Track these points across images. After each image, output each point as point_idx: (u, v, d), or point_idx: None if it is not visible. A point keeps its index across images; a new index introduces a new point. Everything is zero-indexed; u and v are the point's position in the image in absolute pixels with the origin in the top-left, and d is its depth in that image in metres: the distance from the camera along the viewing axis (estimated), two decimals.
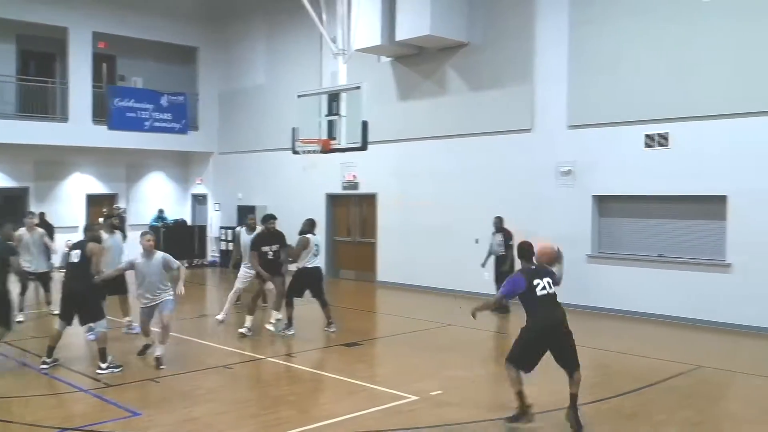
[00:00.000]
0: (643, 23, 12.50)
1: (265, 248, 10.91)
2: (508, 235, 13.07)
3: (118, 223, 12.19)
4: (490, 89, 14.79)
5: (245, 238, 12.06)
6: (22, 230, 11.85)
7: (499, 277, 12.77)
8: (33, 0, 18.39)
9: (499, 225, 13.26)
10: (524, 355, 6.52)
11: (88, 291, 8.72)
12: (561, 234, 12.50)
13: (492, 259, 13.41)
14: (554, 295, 6.64)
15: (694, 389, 8.00)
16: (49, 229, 18.66)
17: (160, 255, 8.79)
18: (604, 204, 13.33)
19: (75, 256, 8.74)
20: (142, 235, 8.96)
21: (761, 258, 11.18)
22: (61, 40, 19.48)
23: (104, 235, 10.90)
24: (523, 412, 6.53)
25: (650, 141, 12.43)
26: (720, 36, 11.60)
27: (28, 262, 11.75)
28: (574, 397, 6.48)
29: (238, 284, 11.94)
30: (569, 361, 6.49)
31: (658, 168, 12.30)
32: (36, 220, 12.20)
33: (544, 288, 6.58)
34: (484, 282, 14.54)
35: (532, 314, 6.58)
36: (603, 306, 12.87)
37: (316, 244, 11.09)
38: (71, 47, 19.37)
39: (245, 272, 11.78)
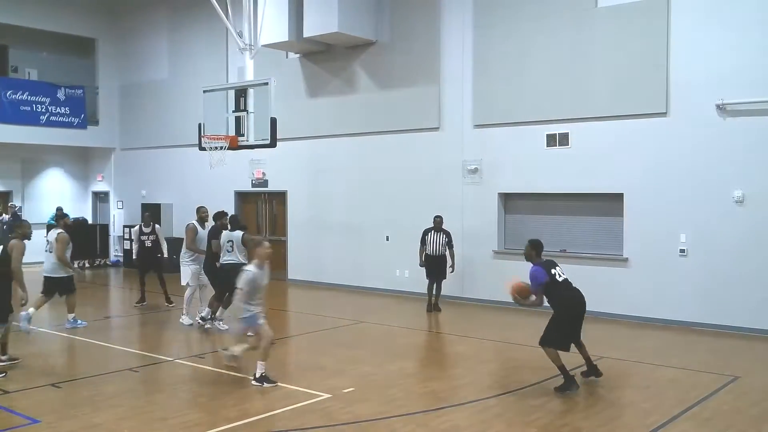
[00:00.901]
0: (543, 28, 12.94)
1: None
2: (448, 235, 12.80)
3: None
4: (399, 88, 14.95)
5: (202, 232, 11.72)
6: None
7: (437, 275, 12.83)
8: None
9: (440, 224, 12.83)
10: (565, 337, 7.71)
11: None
12: (468, 231, 12.86)
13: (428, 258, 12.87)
14: (568, 279, 7.97)
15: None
16: None
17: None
18: (510, 201, 13.74)
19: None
20: (260, 243, 8.34)
21: (654, 252, 11.81)
22: None
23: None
24: (570, 380, 7.62)
25: (552, 140, 12.89)
26: (612, 41, 12.17)
27: None
28: (588, 357, 8.05)
29: (192, 282, 11.71)
30: (579, 333, 7.94)
31: (560, 166, 12.78)
32: None
33: (560, 275, 7.89)
34: (399, 280, 14.73)
35: (559, 299, 7.80)
36: (508, 300, 13.22)
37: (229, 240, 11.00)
38: None
39: (196, 268, 11.65)
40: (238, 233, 11.00)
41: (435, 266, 12.81)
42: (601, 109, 12.31)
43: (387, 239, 15.10)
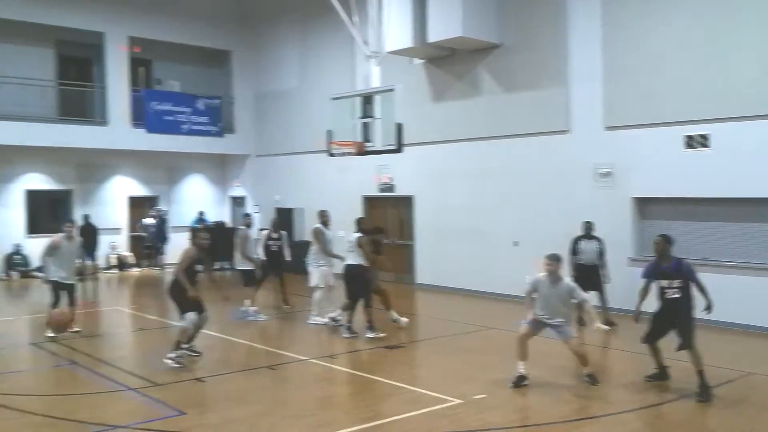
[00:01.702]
0: (678, 20, 12.32)
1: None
2: (601, 242, 12.02)
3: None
4: (524, 90, 14.72)
5: (329, 234, 12.25)
6: (59, 236, 11.18)
7: (590, 287, 11.26)
8: (70, 6, 18.79)
9: (589, 231, 12.10)
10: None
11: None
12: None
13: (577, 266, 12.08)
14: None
15: (744, 395, 7.86)
16: (94, 231, 19.13)
17: (565, 283, 8.32)
18: (645, 206, 13.18)
19: None
20: (546, 257, 8.38)
21: None
22: (98, 45, 19.85)
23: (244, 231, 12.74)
24: (662, 371, 8.12)
25: (690, 142, 12.26)
26: (761, 30, 11.39)
27: (64, 271, 11.08)
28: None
29: (321, 283, 12.07)
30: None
31: (699, 170, 12.11)
32: (74, 229, 11.52)
33: None
34: (524, 285, 14.47)
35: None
36: (647, 310, 12.70)
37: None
38: (108, 52, 19.74)
39: (325, 270, 12.01)
40: (357, 235, 11.19)
41: (587, 277, 11.69)
42: (746, 108, 11.56)
43: (515, 245, 14.89)
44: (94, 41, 19.80)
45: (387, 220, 18.17)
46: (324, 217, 12.42)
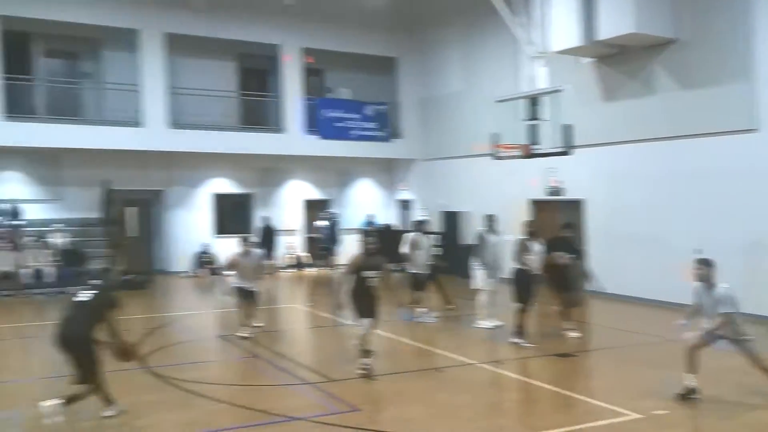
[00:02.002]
0: None
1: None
2: None
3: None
4: (704, 88, 13.75)
5: (492, 239, 12.33)
6: (237, 255, 11.53)
7: None
8: (251, 21, 20.07)
9: None
10: None
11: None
12: None
13: None
14: None
15: None
16: (273, 233, 20.26)
17: (720, 289, 7.86)
18: None
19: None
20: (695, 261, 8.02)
21: None
22: (274, 57, 21.06)
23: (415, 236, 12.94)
24: None
25: None
26: None
27: (246, 281, 11.50)
28: None
29: (485, 286, 12.12)
30: None
31: None
32: (250, 244, 12.00)
33: None
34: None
35: None
36: None
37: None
38: (283, 63, 20.86)
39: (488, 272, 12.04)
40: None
41: None
42: None
43: (697, 252, 13.97)
44: (271, 53, 21.03)
45: (555, 225, 17.74)
46: (490, 222, 12.37)
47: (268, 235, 20.13)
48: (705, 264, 7.77)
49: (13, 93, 17.52)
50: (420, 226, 13.55)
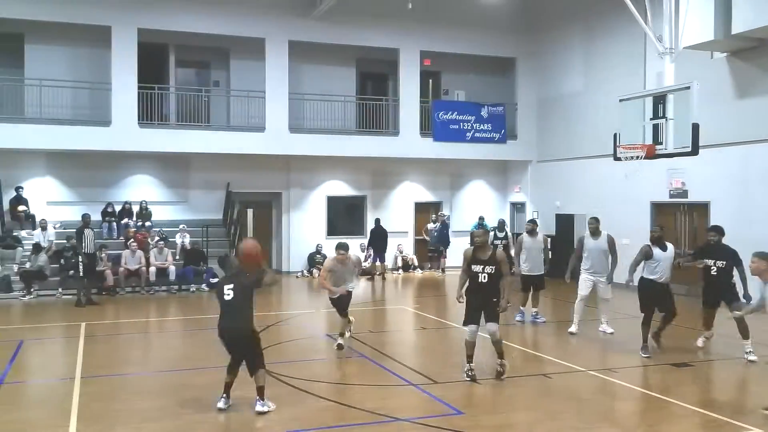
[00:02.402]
0: None
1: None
2: None
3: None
4: None
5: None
6: (332, 260, 10.68)
7: None
8: (369, 26, 20.38)
9: None
10: None
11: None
12: None
13: None
14: None
15: None
16: (384, 235, 20.39)
17: None
18: None
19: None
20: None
21: None
22: (393, 61, 21.27)
23: (526, 237, 12.79)
24: None
25: None
26: None
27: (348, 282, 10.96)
28: None
29: (582, 292, 11.72)
30: None
31: None
32: (346, 256, 10.72)
33: None
34: None
35: None
36: None
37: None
38: (401, 67, 21.06)
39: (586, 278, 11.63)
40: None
41: None
42: None
43: None
44: (389, 57, 21.26)
45: (677, 229, 16.87)
46: (593, 224, 11.79)
47: (379, 237, 20.32)
48: (761, 257, 7.30)
49: (147, 102, 18.69)
50: (528, 226, 13.22)
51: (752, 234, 14.58)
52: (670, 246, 10.38)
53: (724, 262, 10.03)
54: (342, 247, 10.33)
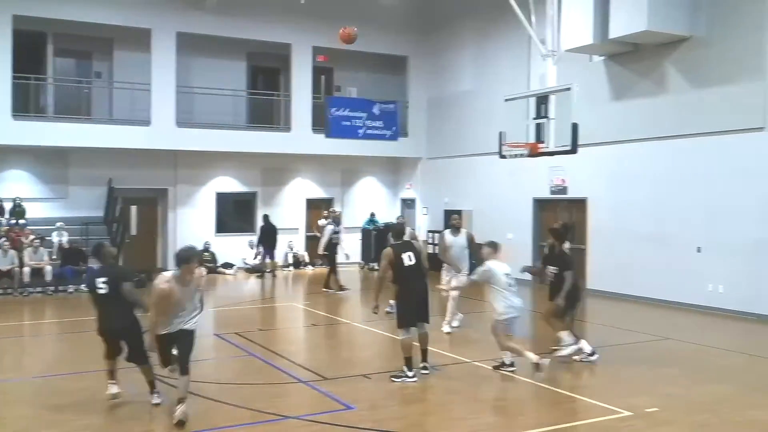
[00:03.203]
0: None
1: None
2: None
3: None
4: (716, 86, 13.62)
5: (449, 239, 11.76)
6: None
7: None
8: (261, 20, 20.06)
9: None
10: None
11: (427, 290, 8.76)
12: None
13: None
14: None
15: None
16: (274, 231, 20.13)
17: None
18: None
19: (409, 258, 8.60)
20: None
21: None
22: (285, 55, 21.04)
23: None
24: None
25: None
26: None
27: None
28: None
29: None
30: None
31: None
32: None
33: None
34: (712, 295, 13.47)
35: None
36: None
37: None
38: (293, 62, 20.84)
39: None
40: None
41: None
42: None
43: (698, 251, 13.84)
44: (281, 52, 21.00)
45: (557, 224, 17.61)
46: (455, 221, 11.97)
47: (269, 234, 20.02)
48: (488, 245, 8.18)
49: (23, 92, 17.59)
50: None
51: (626, 227, 15.51)
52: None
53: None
54: (188, 259, 7.22)
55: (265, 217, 20.37)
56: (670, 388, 8.11)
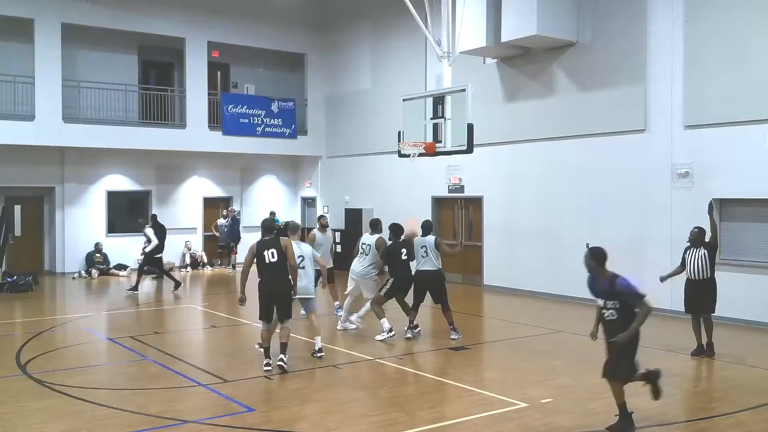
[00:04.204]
0: (765, 14, 11.77)
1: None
2: (712, 251, 9.82)
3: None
4: (600, 89, 14.36)
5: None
6: None
7: (700, 306, 9.79)
8: (153, 13, 19.45)
9: (698, 238, 9.76)
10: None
11: (288, 288, 8.98)
12: (678, 239, 11.97)
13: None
14: None
15: None
16: (162, 230, 19.06)
17: None
18: (727, 208, 12.63)
19: (271, 255, 8.82)
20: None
21: None
22: (179, 50, 20.49)
23: (318, 233, 12.55)
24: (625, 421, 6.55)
25: None
26: None
27: None
28: None
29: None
30: None
31: None
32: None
33: None
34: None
35: None
36: (724, 315, 12.20)
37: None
38: (188, 57, 20.32)
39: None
40: (431, 238, 11.03)
41: (695, 294, 9.76)
42: None
43: (587, 246, 14.50)
44: (175, 46, 20.43)
45: (455, 221, 18.08)
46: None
47: (159, 233, 19.25)
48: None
49: None
50: (320, 222, 13.27)
51: (518, 224, 16.07)
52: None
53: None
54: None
55: (153, 217, 19.54)
56: (562, 379, 8.50)
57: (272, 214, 22.43)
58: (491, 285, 16.68)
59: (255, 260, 8.88)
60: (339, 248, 14.01)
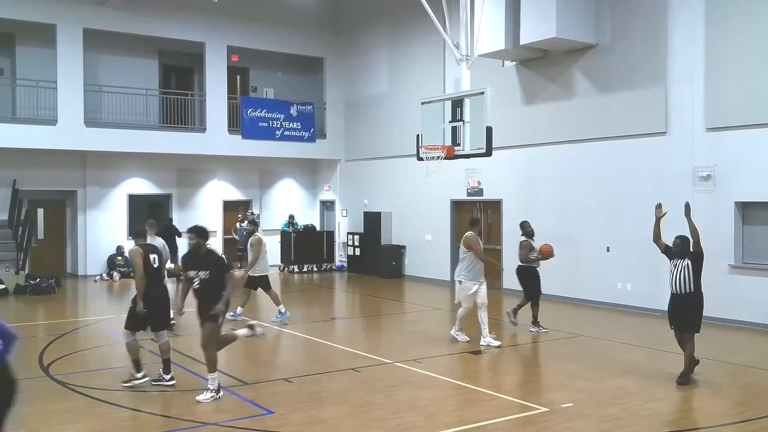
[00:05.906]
0: None
1: None
2: (695, 261, 8.64)
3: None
4: (620, 91, 14.27)
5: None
6: None
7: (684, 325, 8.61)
8: (173, 18, 19.63)
9: (682, 248, 8.78)
10: None
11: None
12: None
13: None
14: None
15: None
16: (173, 234, 18.87)
17: None
18: (749, 211, 12.50)
19: (153, 260, 8.72)
20: None
21: None
22: (198, 54, 20.65)
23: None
24: None
25: None
26: None
27: None
28: None
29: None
30: None
31: None
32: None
33: None
34: (620, 293, 14.05)
35: None
36: (746, 320, 12.08)
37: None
38: (207, 61, 20.47)
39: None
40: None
41: (676, 311, 8.67)
42: None
43: (608, 250, 14.43)
44: (195, 51, 20.59)
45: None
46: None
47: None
48: None
49: None
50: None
51: (539, 227, 15.89)
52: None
53: None
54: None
55: (169, 221, 19.63)
56: (582, 383, 8.44)
57: (291, 217, 22.50)
58: (511, 289, 16.56)
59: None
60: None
